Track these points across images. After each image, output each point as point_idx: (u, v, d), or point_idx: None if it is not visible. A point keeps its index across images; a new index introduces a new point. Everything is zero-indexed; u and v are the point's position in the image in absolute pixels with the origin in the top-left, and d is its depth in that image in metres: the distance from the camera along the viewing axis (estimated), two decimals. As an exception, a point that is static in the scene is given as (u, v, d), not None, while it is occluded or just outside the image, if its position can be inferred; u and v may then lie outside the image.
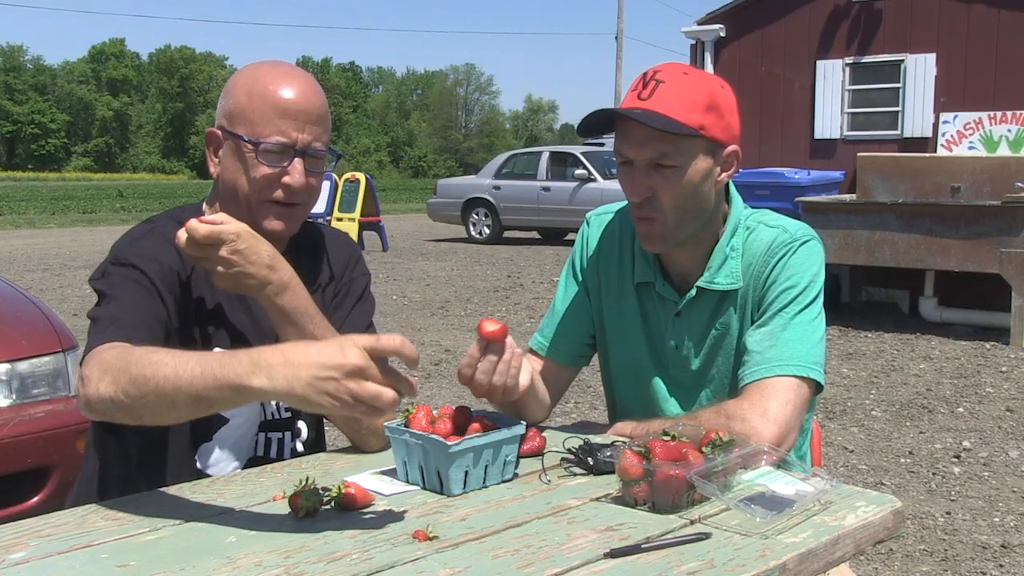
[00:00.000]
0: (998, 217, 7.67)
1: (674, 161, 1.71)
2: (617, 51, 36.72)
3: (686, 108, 1.69)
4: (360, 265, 1.94)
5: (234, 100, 1.72)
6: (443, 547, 1.29)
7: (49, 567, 1.25)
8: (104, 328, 1.57)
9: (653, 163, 1.72)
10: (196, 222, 1.56)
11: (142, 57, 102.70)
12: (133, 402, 1.41)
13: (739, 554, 1.27)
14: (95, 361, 1.48)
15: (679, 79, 1.72)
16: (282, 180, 1.70)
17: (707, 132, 1.72)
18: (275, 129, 1.69)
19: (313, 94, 1.73)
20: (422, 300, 10.32)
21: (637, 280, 1.89)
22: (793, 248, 1.79)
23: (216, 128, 1.76)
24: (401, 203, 34.46)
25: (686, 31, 10.92)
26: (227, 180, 1.74)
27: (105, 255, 1.73)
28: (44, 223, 24.73)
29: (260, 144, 1.68)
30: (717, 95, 1.73)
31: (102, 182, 64.49)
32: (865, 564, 3.52)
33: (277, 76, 1.72)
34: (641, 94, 1.72)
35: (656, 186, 1.73)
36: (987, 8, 9.23)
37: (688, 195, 1.75)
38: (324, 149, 1.75)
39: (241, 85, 1.73)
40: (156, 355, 1.42)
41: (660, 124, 1.68)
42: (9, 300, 3.76)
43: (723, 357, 1.84)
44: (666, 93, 1.70)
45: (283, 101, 1.69)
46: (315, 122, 1.72)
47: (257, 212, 1.72)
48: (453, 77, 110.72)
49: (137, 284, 1.64)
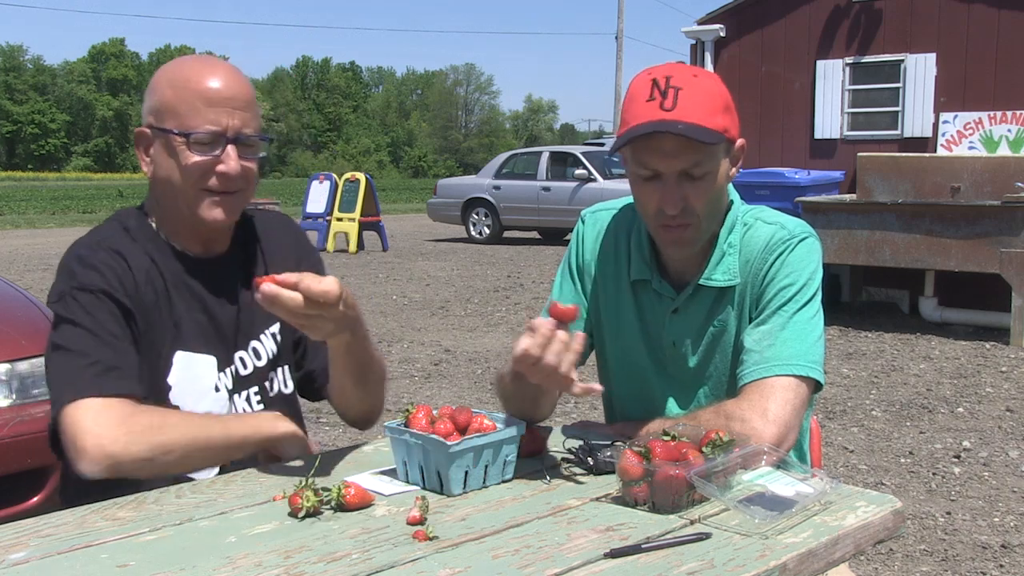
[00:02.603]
0: (998, 217, 7.67)
1: (705, 168, 1.71)
2: (617, 51, 36.75)
3: (711, 113, 1.69)
4: (307, 245, 1.97)
5: (159, 95, 1.71)
6: (443, 547, 1.29)
7: (49, 567, 1.25)
8: (100, 375, 1.56)
9: (684, 173, 1.70)
10: (321, 287, 1.49)
11: (142, 57, 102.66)
12: (163, 467, 1.53)
13: (739, 554, 1.27)
14: (115, 419, 1.51)
15: (694, 83, 1.70)
16: (216, 168, 1.69)
17: (729, 134, 1.73)
18: (204, 118, 1.68)
19: (238, 80, 1.73)
20: (422, 300, 10.32)
21: (634, 277, 1.89)
22: (791, 245, 1.78)
23: (144, 127, 1.74)
24: (401, 203, 34.46)
25: (686, 31, 10.92)
26: (161, 177, 1.73)
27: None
28: (44, 223, 24.73)
29: (191, 135, 1.67)
30: (727, 94, 1.75)
31: (102, 182, 64.47)
32: (865, 564, 3.52)
33: (199, 66, 1.73)
34: (664, 104, 1.68)
35: (688, 195, 1.71)
36: (987, 8, 9.23)
37: (717, 197, 1.76)
38: (256, 135, 1.74)
39: (165, 80, 1.72)
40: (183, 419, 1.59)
41: (702, 136, 1.66)
42: (9, 300, 3.76)
43: (721, 354, 1.84)
44: (689, 100, 1.68)
45: (209, 90, 1.69)
46: (244, 108, 1.71)
47: (194, 203, 1.71)
48: (453, 77, 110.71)
49: (111, 315, 1.63)
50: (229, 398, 1.77)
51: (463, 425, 1.55)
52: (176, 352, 1.71)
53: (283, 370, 1.88)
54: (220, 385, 1.76)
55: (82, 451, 1.51)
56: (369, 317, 9.08)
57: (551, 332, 1.52)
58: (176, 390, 1.69)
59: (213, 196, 1.71)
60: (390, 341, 7.92)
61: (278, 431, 1.69)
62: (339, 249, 15.91)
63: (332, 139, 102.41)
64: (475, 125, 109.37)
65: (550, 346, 1.52)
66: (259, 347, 1.83)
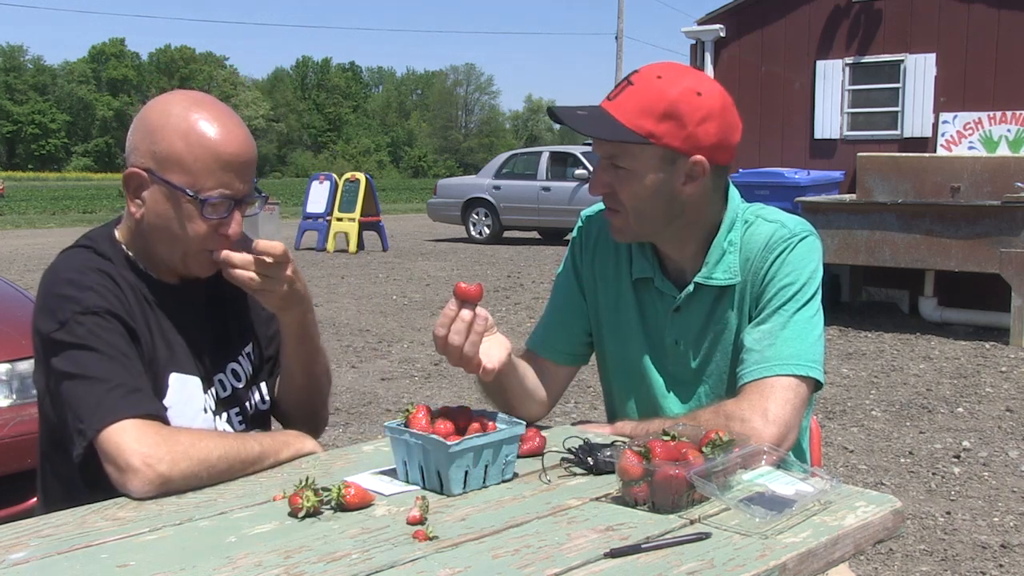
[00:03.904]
0: (998, 217, 7.67)
1: (625, 164, 1.73)
2: (617, 51, 36.74)
3: (638, 115, 1.69)
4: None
5: (167, 145, 1.64)
6: (443, 547, 1.29)
7: (49, 567, 1.25)
8: (127, 396, 1.55)
9: (610, 162, 1.75)
10: (268, 243, 1.66)
11: (142, 57, 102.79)
12: (207, 482, 1.55)
13: (739, 554, 1.27)
14: (157, 439, 1.52)
15: (648, 83, 1.71)
16: (220, 231, 1.68)
17: (658, 141, 1.69)
18: (218, 182, 1.65)
19: (248, 141, 1.70)
20: (422, 300, 10.32)
21: (635, 276, 1.89)
22: (792, 244, 1.78)
23: (139, 169, 1.67)
24: (401, 203, 34.47)
25: (686, 31, 10.92)
26: (156, 225, 1.69)
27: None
28: (44, 223, 24.73)
29: (206, 200, 1.64)
30: (682, 104, 1.68)
31: (102, 182, 64.53)
32: (865, 564, 3.52)
33: (211, 121, 1.65)
34: (611, 94, 1.75)
35: (614, 183, 1.76)
36: (987, 8, 9.23)
37: (646, 199, 1.75)
38: (255, 193, 1.74)
39: (175, 130, 1.64)
40: (215, 437, 1.61)
41: (599, 131, 1.71)
42: (9, 300, 3.76)
43: (721, 353, 1.84)
44: (628, 97, 1.71)
45: (226, 154, 1.65)
46: (252, 170, 1.71)
47: (192, 261, 1.71)
48: (453, 77, 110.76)
49: (121, 336, 1.62)
50: (213, 420, 1.78)
51: (463, 425, 1.55)
52: (171, 374, 1.71)
53: (260, 388, 1.90)
54: (207, 407, 1.76)
55: (134, 472, 1.48)
56: (369, 317, 9.10)
57: (453, 312, 1.58)
58: (172, 411, 1.68)
59: (208, 254, 1.70)
60: (390, 341, 7.92)
61: (306, 448, 1.73)
62: (339, 249, 15.91)
63: (332, 139, 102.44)
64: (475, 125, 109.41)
65: (453, 326, 1.58)
66: (237, 368, 1.85)
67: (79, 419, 1.55)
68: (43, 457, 1.77)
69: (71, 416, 1.56)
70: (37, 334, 1.65)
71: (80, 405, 1.55)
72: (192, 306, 1.78)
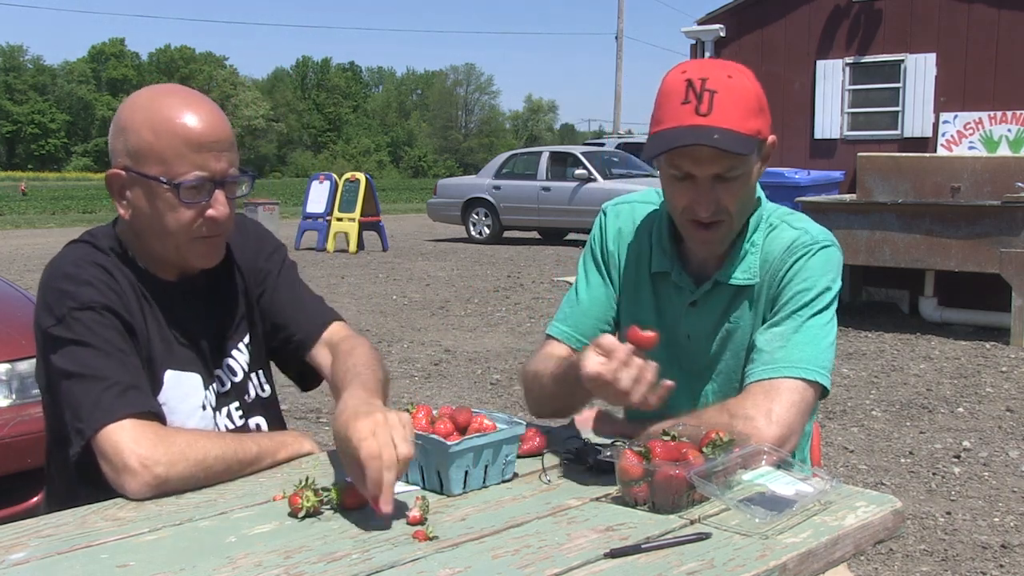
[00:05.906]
0: (998, 217, 7.67)
1: (739, 172, 1.71)
2: (617, 51, 36.76)
3: (746, 118, 1.68)
4: (267, 242, 1.93)
5: (137, 138, 1.63)
6: (443, 547, 1.29)
7: (49, 567, 1.25)
8: (123, 395, 1.55)
9: (717, 176, 1.70)
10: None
11: (142, 57, 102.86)
12: (203, 483, 1.54)
13: (739, 554, 1.27)
14: (154, 439, 1.51)
15: (729, 86, 1.69)
16: (205, 214, 1.66)
17: (762, 135, 1.73)
18: (191, 164, 1.62)
19: (219, 118, 1.67)
20: (422, 300, 10.31)
21: (654, 270, 1.89)
22: (812, 251, 1.79)
23: (118, 170, 1.66)
24: (401, 203, 34.48)
25: (686, 31, 10.92)
26: (144, 223, 1.68)
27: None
28: (44, 223, 24.73)
29: (180, 184, 1.62)
30: (760, 93, 1.74)
31: (102, 182, 64.24)
32: (865, 564, 3.52)
33: (178, 106, 1.63)
34: (699, 108, 1.66)
35: (721, 196, 1.72)
36: (987, 8, 9.23)
37: (748, 195, 1.78)
38: (239, 173, 1.70)
39: (142, 121, 1.63)
40: (212, 437, 1.61)
41: (737, 147, 1.66)
42: (9, 300, 3.77)
43: (732, 351, 1.84)
44: (724, 105, 1.67)
45: (194, 133, 1.61)
46: (228, 148, 1.67)
47: (184, 250, 1.69)
48: (453, 77, 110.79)
49: (117, 332, 1.61)
50: (213, 416, 1.77)
51: (463, 425, 1.55)
52: (167, 371, 1.71)
53: (257, 375, 1.89)
54: (206, 403, 1.76)
55: (131, 473, 1.48)
56: (369, 317, 9.10)
57: (627, 358, 1.49)
58: (167, 408, 1.67)
59: (203, 242, 1.69)
60: (390, 341, 7.92)
61: (304, 448, 1.73)
62: (339, 249, 15.91)
63: (332, 139, 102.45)
64: (475, 125, 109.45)
65: (624, 371, 1.49)
66: (233, 363, 1.84)
67: (77, 418, 1.55)
68: (48, 452, 1.78)
69: (69, 415, 1.57)
70: (37, 328, 1.65)
71: (78, 404, 1.55)
72: (190, 302, 1.78)
